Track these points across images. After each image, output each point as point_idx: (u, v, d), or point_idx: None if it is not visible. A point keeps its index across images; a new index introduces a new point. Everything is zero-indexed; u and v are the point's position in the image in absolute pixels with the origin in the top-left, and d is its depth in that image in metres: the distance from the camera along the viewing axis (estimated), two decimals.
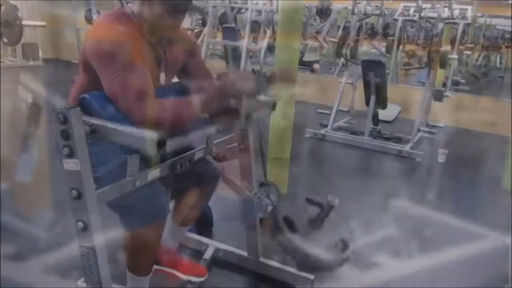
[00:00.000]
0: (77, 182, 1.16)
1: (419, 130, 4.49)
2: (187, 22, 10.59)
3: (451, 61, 5.29)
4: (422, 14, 5.56)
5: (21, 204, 2.47)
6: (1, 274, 1.85)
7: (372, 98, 4.22)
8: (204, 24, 7.56)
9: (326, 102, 5.30)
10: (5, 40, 3.16)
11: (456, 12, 5.38)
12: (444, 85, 6.10)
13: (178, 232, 1.85)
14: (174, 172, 1.46)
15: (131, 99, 1.30)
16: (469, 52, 6.54)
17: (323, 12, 7.58)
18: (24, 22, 3.14)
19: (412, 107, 4.78)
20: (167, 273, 1.87)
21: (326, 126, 4.63)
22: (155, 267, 1.84)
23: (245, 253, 2.03)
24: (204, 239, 2.14)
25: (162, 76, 1.52)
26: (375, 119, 4.42)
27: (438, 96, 4.64)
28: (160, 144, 1.09)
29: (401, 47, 7.87)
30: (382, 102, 4.23)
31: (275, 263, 1.97)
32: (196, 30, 7.82)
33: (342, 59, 5.44)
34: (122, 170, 1.32)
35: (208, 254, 2.04)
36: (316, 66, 7.44)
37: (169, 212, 1.50)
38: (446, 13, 5.17)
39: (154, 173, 1.39)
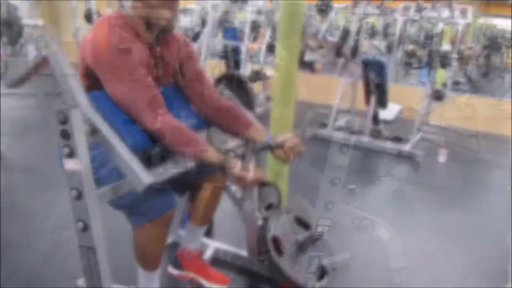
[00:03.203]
0: (77, 182, 1.16)
1: (419, 130, 4.49)
2: (187, 22, 10.59)
3: (451, 60, 5.28)
4: (423, 13, 5.54)
5: None
6: (1, 273, 1.85)
7: (373, 98, 4.22)
8: (203, 24, 7.54)
9: (326, 101, 5.28)
10: (5, 39, 3.16)
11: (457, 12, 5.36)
12: (445, 84, 6.08)
13: (196, 232, 1.80)
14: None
15: (138, 105, 1.31)
16: (469, 52, 6.55)
17: (323, 9, 7.51)
18: (23, 22, 3.13)
19: (412, 106, 4.78)
20: (189, 278, 1.81)
21: (326, 126, 4.62)
22: (176, 272, 1.82)
23: (245, 253, 2.03)
24: (204, 239, 2.14)
25: (160, 77, 1.51)
26: (376, 119, 4.41)
27: (439, 95, 4.64)
28: (148, 188, 1.16)
29: (401, 46, 7.86)
30: (382, 102, 4.23)
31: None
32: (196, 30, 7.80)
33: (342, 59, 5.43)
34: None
35: (208, 254, 2.03)
36: (317, 65, 7.41)
37: (176, 205, 1.47)
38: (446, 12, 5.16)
39: None
